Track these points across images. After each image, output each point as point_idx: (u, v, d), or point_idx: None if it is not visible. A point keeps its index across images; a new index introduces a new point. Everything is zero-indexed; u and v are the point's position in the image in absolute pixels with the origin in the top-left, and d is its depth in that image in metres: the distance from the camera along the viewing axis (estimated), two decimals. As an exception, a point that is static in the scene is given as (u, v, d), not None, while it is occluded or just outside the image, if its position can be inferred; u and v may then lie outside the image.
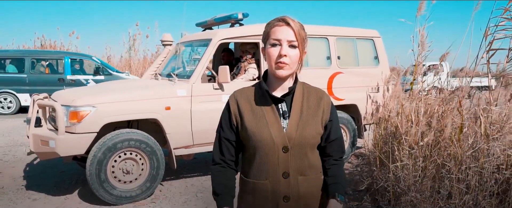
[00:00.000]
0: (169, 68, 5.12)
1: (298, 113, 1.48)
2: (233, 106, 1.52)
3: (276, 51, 1.40)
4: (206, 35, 4.79)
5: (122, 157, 3.87)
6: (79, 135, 3.69)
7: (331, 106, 1.55)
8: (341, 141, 1.59)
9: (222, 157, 1.55)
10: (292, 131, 1.45)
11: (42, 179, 4.73)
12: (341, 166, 1.60)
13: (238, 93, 1.55)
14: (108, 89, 4.23)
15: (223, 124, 1.55)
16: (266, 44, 1.46)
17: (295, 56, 1.41)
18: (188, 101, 4.16)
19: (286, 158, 1.45)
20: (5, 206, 3.83)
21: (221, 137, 1.55)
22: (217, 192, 1.52)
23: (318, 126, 1.49)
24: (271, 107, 1.48)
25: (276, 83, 1.49)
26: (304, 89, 1.55)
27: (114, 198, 3.84)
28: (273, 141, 1.43)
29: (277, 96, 1.47)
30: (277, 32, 1.40)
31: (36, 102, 3.94)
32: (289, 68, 1.42)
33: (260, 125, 1.45)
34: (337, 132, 1.57)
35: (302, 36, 1.42)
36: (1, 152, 6.00)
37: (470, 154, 3.07)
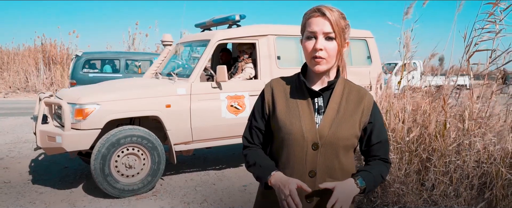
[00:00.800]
0: (169, 68, 5.32)
1: (334, 109, 1.39)
2: (268, 94, 1.46)
3: (311, 45, 1.32)
4: (205, 36, 4.99)
5: (125, 152, 4.07)
6: (84, 131, 3.89)
7: (373, 107, 1.44)
8: (385, 145, 1.46)
9: (252, 141, 1.51)
10: (324, 128, 1.36)
11: (47, 174, 4.93)
12: (383, 165, 1.45)
13: (274, 82, 1.49)
14: (112, 88, 4.44)
15: (255, 112, 1.50)
16: (303, 36, 1.39)
17: (332, 49, 1.32)
18: (188, 100, 4.36)
19: (315, 155, 1.37)
20: (14, 198, 4.02)
21: (252, 125, 1.50)
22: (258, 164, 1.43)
23: (355, 127, 1.39)
24: (306, 100, 1.40)
25: (316, 77, 1.42)
26: (346, 86, 1.45)
27: (117, 191, 4.04)
28: (303, 135, 1.36)
29: (314, 90, 1.39)
30: (312, 24, 1.32)
31: (42, 100, 4.13)
32: (326, 63, 1.33)
33: (291, 117, 1.38)
34: (380, 135, 1.45)
35: (341, 26, 1.32)
36: (7, 148, 6.20)
37: (452, 148, 3.27)
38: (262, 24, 5.02)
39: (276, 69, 4.79)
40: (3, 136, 7.12)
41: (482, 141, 3.23)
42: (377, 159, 1.45)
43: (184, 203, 3.96)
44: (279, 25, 5.07)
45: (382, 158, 1.45)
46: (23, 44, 23.34)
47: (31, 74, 20.53)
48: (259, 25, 5.01)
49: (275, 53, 4.83)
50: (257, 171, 1.43)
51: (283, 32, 4.94)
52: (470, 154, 3.21)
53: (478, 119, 3.39)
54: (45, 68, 20.76)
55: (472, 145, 3.23)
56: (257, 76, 4.80)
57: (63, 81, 19.78)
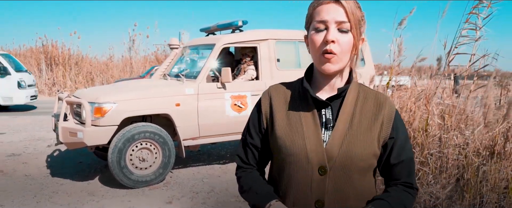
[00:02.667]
0: (176, 69, 5.73)
1: (346, 123, 1.14)
2: (265, 105, 1.23)
3: (321, 37, 1.08)
4: (210, 40, 5.40)
5: (138, 146, 4.47)
6: (102, 128, 4.29)
7: (395, 118, 1.18)
8: (409, 165, 1.19)
9: (247, 161, 1.28)
10: (334, 147, 1.11)
11: (63, 168, 5.32)
12: (404, 192, 1.17)
13: (273, 89, 1.25)
14: (127, 88, 4.85)
15: (250, 126, 1.27)
16: (309, 30, 1.15)
17: (347, 43, 1.08)
18: (195, 99, 4.76)
19: (322, 182, 1.11)
20: (38, 189, 4.42)
21: (247, 142, 1.26)
22: (254, 190, 1.21)
23: (373, 144, 1.13)
24: (311, 112, 1.16)
25: (323, 81, 1.18)
26: (360, 92, 1.20)
27: (132, 182, 4.44)
28: (307, 157, 1.11)
29: (321, 99, 1.14)
30: (323, 12, 1.08)
31: (64, 99, 4.53)
32: (338, 61, 1.09)
33: (293, 134, 1.14)
34: (402, 153, 1.17)
35: (358, 17, 1.09)
36: (23, 145, 6.59)
37: (433, 141, 3.69)
38: (262, 29, 5.43)
39: (276, 71, 5.20)
40: (18, 134, 7.52)
41: (459, 134, 3.65)
42: (398, 184, 1.18)
43: (193, 193, 4.37)
44: (278, 30, 5.49)
45: (404, 183, 1.18)
46: (24, 45, 23.59)
47: (33, 75, 20.84)
48: (260, 30, 5.43)
49: (275, 56, 5.24)
50: (253, 199, 1.20)
51: (282, 37, 5.36)
52: (448, 146, 3.63)
53: (456, 115, 3.81)
54: (47, 69, 21.11)
55: (450, 138, 3.64)
56: (258, 78, 5.21)
57: (65, 81, 20.13)
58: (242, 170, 1.29)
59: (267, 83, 5.01)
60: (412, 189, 1.19)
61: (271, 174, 1.28)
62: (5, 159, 5.63)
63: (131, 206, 3.95)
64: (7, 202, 3.97)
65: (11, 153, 6.02)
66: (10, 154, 5.96)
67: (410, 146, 1.23)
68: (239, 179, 1.28)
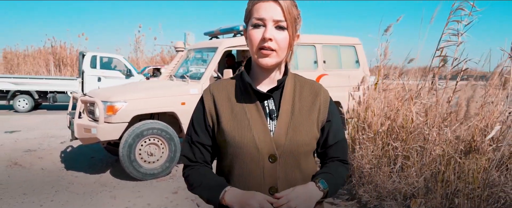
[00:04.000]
0: (181, 71, 6.12)
1: (288, 112, 1.22)
2: (208, 102, 1.26)
3: (259, 34, 1.14)
4: (213, 43, 5.78)
5: (147, 142, 4.86)
6: (114, 124, 4.68)
7: (330, 103, 1.29)
8: (344, 144, 1.32)
9: (194, 159, 1.28)
10: (281, 135, 1.18)
11: (77, 162, 5.72)
12: (342, 167, 1.31)
13: (214, 87, 1.28)
14: (136, 88, 5.24)
15: (195, 124, 1.28)
16: (247, 24, 1.20)
17: (283, 40, 1.14)
18: (199, 98, 5.14)
19: (274, 169, 1.18)
20: (55, 180, 4.82)
21: (193, 140, 1.27)
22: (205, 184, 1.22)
23: (313, 129, 1.23)
24: (255, 104, 1.21)
25: (261, 75, 1.24)
26: (296, 82, 1.29)
27: (141, 175, 4.83)
28: (257, 148, 1.17)
29: (262, 91, 1.20)
30: (261, 10, 1.14)
31: (79, 98, 4.93)
32: (275, 56, 1.16)
33: (240, 127, 1.19)
34: (337, 135, 1.29)
35: (293, 15, 1.16)
36: (37, 142, 7.01)
37: (414, 137, 4.05)
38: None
39: (274, 72, 5.57)
40: (32, 132, 7.95)
41: (438, 130, 4.00)
42: (335, 160, 1.31)
43: (197, 184, 4.75)
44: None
45: (341, 159, 1.31)
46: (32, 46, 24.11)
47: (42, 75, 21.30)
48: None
49: (274, 59, 5.61)
50: (206, 192, 1.21)
51: (280, 41, 5.72)
52: (429, 141, 3.98)
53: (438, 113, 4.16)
54: (56, 70, 21.59)
55: (430, 134, 4.00)
56: (258, 79, 5.59)
57: (73, 82, 20.49)
58: (190, 168, 1.28)
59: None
60: (347, 164, 1.34)
61: (220, 169, 1.30)
62: (22, 154, 6.04)
63: (141, 195, 4.34)
64: (29, 191, 4.38)
65: (27, 148, 6.44)
66: (27, 149, 6.38)
67: (342, 128, 1.35)
68: (188, 177, 1.28)
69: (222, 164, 1.28)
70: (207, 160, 1.29)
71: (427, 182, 3.60)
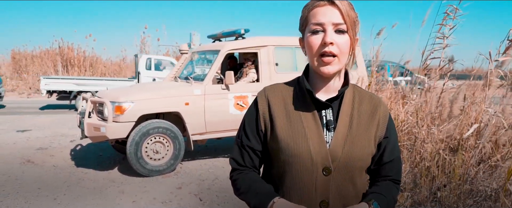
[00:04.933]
0: (185, 72, 6.40)
1: (346, 124, 1.17)
2: (263, 106, 1.22)
3: (318, 40, 1.09)
4: (216, 46, 6.05)
5: (153, 140, 5.14)
6: (122, 123, 4.96)
7: (389, 119, 1.24)
8: (398, 163, 1.26)
9: (243, 163, 1.26)
10: (337, 148, 1.14)
11: (86, 160, 6.02)
12: (394, 188, 1.25)
13: (270, 90, 1.24)
14: (143, 89, 5.53)
15: (246, 128, 1.25)
16: (304, 33, 1.15)
17: (344, 44, 1.10)
18: (202, 99, 5.42)
19: (327, 182, 1.14)
20: (67, 176, 5.12)
21: (243, 144, 1.25)
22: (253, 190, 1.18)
23: (371, 144, 1.18)
24: (312, 113, 1.17)
25: (320, 83, 1.19)
26: (355, 93, 1.23)
27: (147, 171, 5.11)
28: (312, 159, 1.13)
29: (322, 100, 1.16)
30: (319, 14, 1.10)
31: (89, 99, 5.22)
32: (337, 63, 1.11)
33: (296, 135, 1.15)
34: (393, 152, 1.24)
35: (352, 18, 1.11)
36: (48, 140, 7.33)
37: (403, 135, 4.29)
38: (262, 36, 6.07)
39: (274, 74, 5.83)
40: (43, 131, 8.27)
41: (427, 129, 4.24)
42: (388, 180, 1.25)
43: (199, 180, 5.02)
44: (277, 37, 6.11)
45: (393, 179, 1.25)
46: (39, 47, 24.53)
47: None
48: (260, 37, 6.06)
49: (274, 61, 5.87)
50: (253, 199, 1.17)
51: (280, 43, 5.98)
52: (418, 139, 4.22)
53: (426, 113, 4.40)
54: (63, 70, 21.97)
55: (419, 133, 4.24)
56: (259, 80, 5.84)
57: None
58: (238, 172, 1.26)
59: (267, 84, 5.64)
60: (399, 184, 1.27)
61: (268, 177, 1.26)
62: (34, 152, 6.35)
63: (147, 190, 4.61)
64: (43, 186, 4.67)
65: (39, 147, 6.75)
66: (38, 147, 6.69)
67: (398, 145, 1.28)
68: (235, 181, 1.25)
69: (271, 172, 1.24)
70: (256, 165, 1.26)
71: (414, 177, 3.84)
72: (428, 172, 3.74)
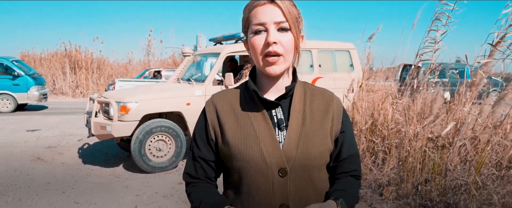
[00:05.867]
0: (188, 74, 6.68)
1: (299, 121, 1.13)
2: (210, 114, 1.18)
3: (261, 40, 1.07)
4: (217, 49, 6.33)
5: (156, 138, 5.42)
6: (127, 122, 5.25)
7: (343, 113, 1.20)
8: (357, 158, 1.23)
9: (196, 175, 1.21)
10: (291, 147, 1.10)
11: (93, 158, 6.31)
12: (356, 183, 1.21)
13: (216, 97, 1.21)
14: (146, 90, 5.81)
15: (197, 138, 1.21)
16: (247, 34, 1.13)
17: (288, 42, 1.07)
18: (203, 99, 5.68)
19: (284, 184, 1.09)
20: (74, 172, 5.41)
21: (195, 156, 1.20)
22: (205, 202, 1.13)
23: (327, 140, 1.14)
24: (261, 114, 1.13)
25: (268, 83, 1.16)
26: (306, 90, 1.20)
27: (150, 168, 5.39)
28: (266, 161, 1.08)
29: (270, 100, 1.13)
30: (259, 14, 1.07)
31: (96, 99, 5.52)
32: (283, 62, 1.08)
33: (246, 139, 1.11)
34: (351, 147, 1.20)
35: (294, 15, 1.09)
36: (57, 140, 7.64)
37: (393, 134, 4.52)
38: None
39: (272, 75, 6.08)
40: (51, 130, 8.60)
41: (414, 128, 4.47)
42: (349, 175, 1.20)
43: (200, 176, 5.29)
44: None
45: (354, 175, 1.21)
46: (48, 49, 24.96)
47: (58, 78, 22.07)
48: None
49: (272, 63, 6.12)
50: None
51: (278, 46, 6.24)
52: (405, 137, 4.45)
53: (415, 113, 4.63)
54: (71, 72, 22.37)
55: (406, 131, 4.47)
56: (257, 81, 6.11)
57: (87, 84, 21.30)
58: (192, 185, 1.21)
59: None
60: (360, 179, 1.24)
61: (227, 185, 1.22)
62: (44, 150, 6.66)
63: (150, 185, 4.89)
64: (52, 181, 4.97)
65: (48, 145, 7.07)
66: (48, 146, 7.00)
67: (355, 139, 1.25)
68: (189, 195, 1.19)
69: (229, 180, 1.20)
70: (210, 176, 1.21)
71: (399, 172, 4.08)
72: (411, 167, 3.97)
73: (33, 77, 13.02)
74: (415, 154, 3.99)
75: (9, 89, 12.25)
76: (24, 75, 12.57)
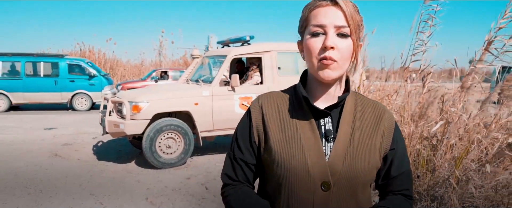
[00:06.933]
0: (197, 75, 7.01)
1: (347, 134, 1.06)
2: (256, 116, 1.13)
3: (319, 43, 1.00)
4: (224, 52, 6.64)
5: (165, 136, 5.74)
6: (138, 121, 5.59)
7: (395, 128, 1.14)
8: (408, 177, 1.15)
9: (236, 178, 1.16)
10: (337, 160, 1.03)
11: (107, 154, 6.67)
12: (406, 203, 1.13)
13: (263, 98, 1.16)
14: (157, 90, 6.15)
15: (239, 140, 1.16)
16: (304, 34, 1.06)
17: (346, 49, 1.01)
18: (210, 99, 6.00)
19: (326, 198, 1.03)
20: (89, 167, 5.77)
21: (236, 157, 1.15)
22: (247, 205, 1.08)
23: (375, 156, 1.07)
24: (309, 122, 1.07)
25: (319, 90, 1.10)
26: (357, 101, 1.14)
27: (160, 164, 5.72)
28: (309, 173, 1.02)
29: (320, 108, 1.07)
30: (320, 15, 1.01)
31: (110, 99, 5.87)
32: (337, 68, 1.01)
33: (291, 147, 1.05)
34: (402, 165, 1.13)
35: (357, 21, 1.02)
36: (72, 137, 8.04)
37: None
38: (266, 43, 6.63)
39: (277, 77, 6.38)
40: (67, 129, 9.02)
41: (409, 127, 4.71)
42: (398, 194, 1.13)
43: (207, 172, 5.61)
44: (279, 43, 6.66)
45: (404, 194, 1.14)
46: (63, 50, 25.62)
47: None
48: (264, 43, 6.62)
49: (276, 65, 6.42)
50: None
51: (282, 49, 6.52)
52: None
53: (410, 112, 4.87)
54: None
55: (402, 130, 4.72)
56: (263, 82, 6.40)
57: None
58: (231, 187, 1.15)
59: (270, 87, 6.20)
60: (411, 199, 1.15)
61: (263, 192, 1.16)
62: (61, 147, 7.05)
63: (160, 180, 5.22)
64: (69, 175, 5.33)
65: (64, 142, 7.46)
66: (64, 143, 7.40)
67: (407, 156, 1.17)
68: (227, 197, 1.14)
69: (266, 186, 1.14)
70: (250, 179, 1.17)
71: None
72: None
73: (106, 77, 13.82)
74: (410, 151, 4.23)
75: (86, 89, 13.08)
76: (98, 75, 13.32)
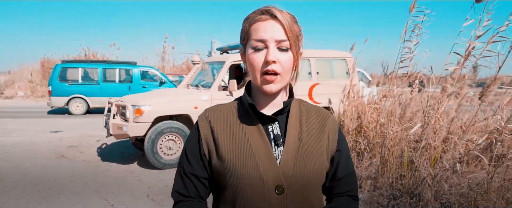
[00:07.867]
0: (197, 81, 7.33)
1: (296, 137, 1.09)
2: (205, 128, 1.13)
3: (261, 57, 1.03)
4: (222, 58, 6.96)
5: (166, 138, 6.06)
6: (141, 123, 5.90)
7: (339, 131, 1.18)
8: (353, 178, 1.19)
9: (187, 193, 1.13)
10: (289, 163, 1.05)
11: (110, 156, 6.99)
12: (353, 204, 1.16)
13: (210, 111, 1.16)
14: (158, 95, 6.48)
15: (189, 154, 1.14)
16: (246, 47, 1.10)
17: (287, 61, 1.04)
18: (209, 103, 6.31)
19: (281, 202, 1.04)
20: (94, 168, 6.09)
21: (186, 172, 1.13)
22: None
23: (323, 157, 1.10)
24: (257, 129, 1.09)
25: (264, 99, 1.13)
26: (302, 107, 1.18)
27: (161, 165, 6.02)
28: (262, 178, 1.04)
29: (266, 114, 1.10)
30: (260, 30, 1.03)
31: (114, 103, 6.19)
32: (280, 81, 1.05)
33: (242, 155, 1.06)
34: (347, 166, 1.17)
35: (296, 33, 1.05)
36: (77, 139, 8.37)
37: (376, 134, 5.07)
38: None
39: (272, 82, 6.68)
40: (72, 131, 9.35)
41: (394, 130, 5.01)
42: (345, 195, 1.17)
43: (205, 172, 5.90)
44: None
45: (351, 195, 1.17)
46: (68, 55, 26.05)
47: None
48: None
49: (272, 71, 6.72)
50: None
51: (278, 55, 6.83)
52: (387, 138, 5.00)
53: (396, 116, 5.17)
54: (89, 77, 23.26)
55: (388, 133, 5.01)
56: (259, 87, 6.71)
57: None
58: (182, 203, 1.12)
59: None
60: (357, 200, 1.18)
61: (218, 203, 1.15)
62: (66, 149, 7.38)
63: (161, 179, 5.52)
64: (75, 174, 5.65)
65: (70, 144, 7.79)
66: (70, 145, 7.72)
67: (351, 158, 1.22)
68: None
69: (220, 198, 1.13)
70: (202, 195, 1.14)
71: (377, 168, 4.62)
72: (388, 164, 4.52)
73: (174, 84, 14.26)
74: (395, 152, 4.53)
75: None
76: (168, 82, 13.71)
